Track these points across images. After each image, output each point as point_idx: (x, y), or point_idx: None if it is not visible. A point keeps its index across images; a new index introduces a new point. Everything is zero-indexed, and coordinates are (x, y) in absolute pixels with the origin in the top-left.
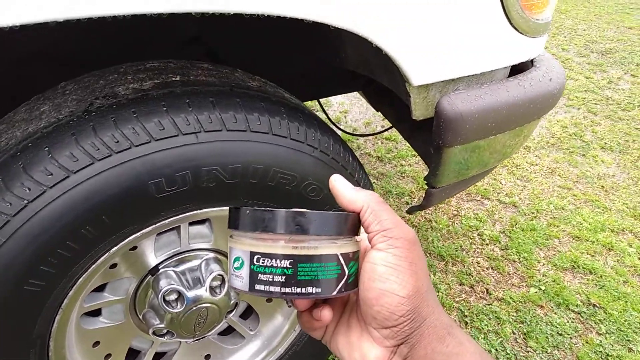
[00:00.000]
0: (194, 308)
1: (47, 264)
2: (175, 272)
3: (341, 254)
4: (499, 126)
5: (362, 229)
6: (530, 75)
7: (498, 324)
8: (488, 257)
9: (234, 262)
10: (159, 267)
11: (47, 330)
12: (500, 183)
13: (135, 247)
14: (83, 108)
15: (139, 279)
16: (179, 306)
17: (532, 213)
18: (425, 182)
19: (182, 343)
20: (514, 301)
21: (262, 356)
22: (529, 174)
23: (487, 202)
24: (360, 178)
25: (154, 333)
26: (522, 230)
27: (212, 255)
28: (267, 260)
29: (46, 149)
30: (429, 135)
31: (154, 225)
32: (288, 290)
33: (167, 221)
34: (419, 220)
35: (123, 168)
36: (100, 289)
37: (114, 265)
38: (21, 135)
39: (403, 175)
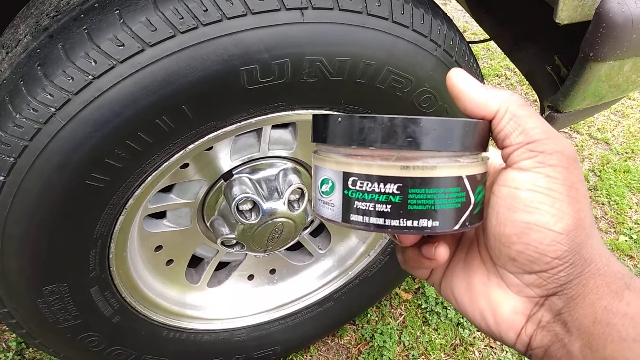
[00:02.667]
0: (269, 221)
1: (113, 156)
2: (250, 179)
3: (467, 177)
4: None
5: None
6: None
7: None
8: None
9: (322, 185)
10: (233, 173)
11: (109, 231)
12: (592, 115)
13: (210, 148)
14: None
15: (210, 183)
16: (253, 217)
17: (627, 153)
18: (549, 105)
19: (247, 255)
20: None
21: (331, 277)
22: (624, 109)
23: (576, 136)
24: None
25: (222, 243)
26: (614, 170)
27: (290, 165)
28: (367, 184)
29: (117, 12)
30: (539, 48)
31: (237, 124)
32: (395, 223)
33: (253, 120)
34: None
35: (211, 46)
36: (167, 190)
37: (185, 166)
38: None
39: None
